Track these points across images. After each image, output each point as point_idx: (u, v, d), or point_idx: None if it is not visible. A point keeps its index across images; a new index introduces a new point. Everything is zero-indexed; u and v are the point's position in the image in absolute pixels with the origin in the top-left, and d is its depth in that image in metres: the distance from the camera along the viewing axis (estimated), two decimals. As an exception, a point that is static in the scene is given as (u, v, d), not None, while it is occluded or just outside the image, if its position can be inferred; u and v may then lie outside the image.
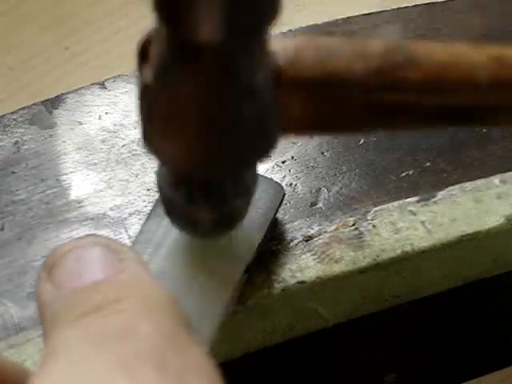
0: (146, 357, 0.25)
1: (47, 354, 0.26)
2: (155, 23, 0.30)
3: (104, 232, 0.44)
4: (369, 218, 0.44)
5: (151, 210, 0.41)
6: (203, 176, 0.35)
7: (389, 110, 0.34)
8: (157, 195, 0.41)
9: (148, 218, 0.40)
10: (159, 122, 0.33)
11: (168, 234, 0.39)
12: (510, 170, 0.46)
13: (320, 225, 0.44)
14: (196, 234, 0.39)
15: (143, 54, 0.32)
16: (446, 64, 0.34)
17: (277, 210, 0.42)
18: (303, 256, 0.43)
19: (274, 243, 0.43)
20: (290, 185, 0.46)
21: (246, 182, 0.37)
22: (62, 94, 0.50)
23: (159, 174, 0.37)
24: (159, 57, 0.31)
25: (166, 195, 0.37)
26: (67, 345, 0.26)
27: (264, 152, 0.34)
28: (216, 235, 0.39)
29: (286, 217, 0.44)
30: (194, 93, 0.31)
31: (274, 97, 0.33)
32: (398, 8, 0.55)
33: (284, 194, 0.42)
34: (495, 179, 0.46)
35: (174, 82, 0.31)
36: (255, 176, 0.38)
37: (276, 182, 0.42)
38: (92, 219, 0.44)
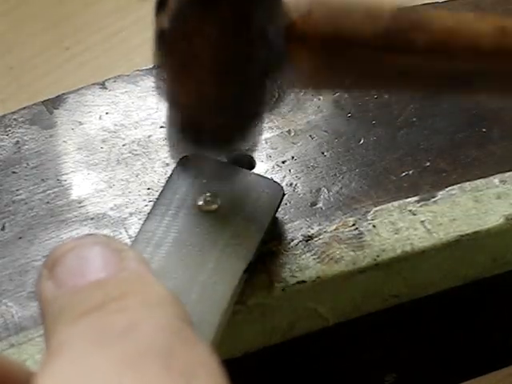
0: (152, 353, 0.25)
1: (50, 352, 0.26)
2: None
3: (104, 232, 0.44)
4: (369, 217, 0.44)
5: (151, 210, 0.41)
6: (214, 119, 0.36)
7: (394, 72, 0.35)
8: (157, 195, 0.41)
9: (148, 218, 0.40)
10: (175, 66, 0.34)
11: (168, 233, 0.39)
12: (509, 170, 0.46)
13: (320, 225, 0.44)
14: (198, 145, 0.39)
15: (161, 2, 0.33)
16: (453, 29, 0.35)
17: (276, 210, 0.42)
18: (303, 256, 0.43)
19: (273, 243, 0.43)
20: (290, 185, 0.46)
21: (253, 131, 0.38)
22: (63, 93, 0.50)
23: (168, 121, 0.38)
24: (176, 3, 0.32)
25: (173, 141, 0.38)
26: (70, 342, 0.26)
27: (272, 101, 0.35)
28: (225, 147, 0.39)
29: (286, 217, 0.44)
30: (209, 39, 0.32)
31: (285, 48, 0.34)
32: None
33: (283, 194, 0.42)
34: (495, 179, 0.46)
35: (191, 28, 0.32)
36: (261, 125, 0.38)
37: (275, 182, 0.42)
38: (92, 219, 0.44)
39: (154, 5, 0.34)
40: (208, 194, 0.41)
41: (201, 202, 0.40)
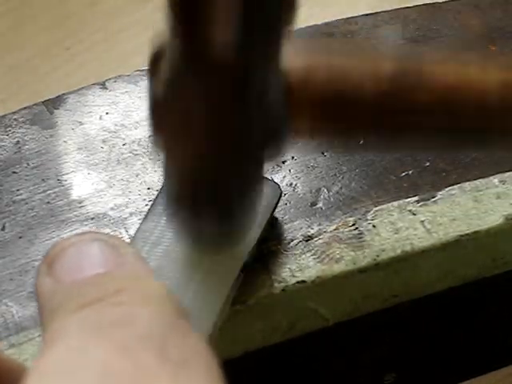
0: (146, 342, 0.25)
1: (45, 342, 0.26)
2: (168, 35, 0.30)
3: (105, 232, 0.44)
4: (369, 217, 0.44)
5: (149, 209, 0.41)
6: (210, 186, 0.35)
7: (398, 131, 0.35)
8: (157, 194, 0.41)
9: (146, 217, 0.40)
10: (169, 131, 0.33)
11: (165, 232, 0.40)
12: (509, 170, 0.46)
13: (320, 225, 0.44)
14: (199, 244, 0.39)
15: (154, 64, 0.33)
16: (455, 87, 0.34)
17: (274, 209, 0.42)
18: (303, 256, 0.43)
19: (273, 243, 0.43)
20: (290, 185, 0.46)
21: (251, 195, 0.37)
22: (63, 94, 0.50)
23: (165, 185, 0.37)
24: (171, 69, 0.31)
25: (171, 206, 0.37)
26: (66, 332, 0.26)
27: (270, 161, 0.35)
28: (218, 248, 0.39)
29: (286, 217, 0.44)
30: (205, 106, 0.31)
31: (284, 113, 0.33)
32: (397, 8, 0.55)
33: (281, 193, 0.42)
34: (494, 179, 0.46)
35: (186, 95, 0.31)
36: (260, 189, 0.38)
37: (273, 181, 0.42)
38: (93, 219, 0.44)
39: (148, 65, 0.33)
40: None
41: None
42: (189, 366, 0.25)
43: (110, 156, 0.47)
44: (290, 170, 0.47)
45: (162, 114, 0.33)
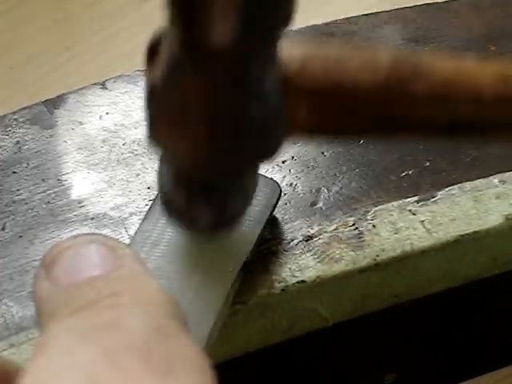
0: (132, 347, 0.25)
1: (37, 348, 0.26)
2: (167, 23, 0.30)
3: (104, 232, 0.44)
4: (369, 217, 0.44)
5: (148, 210, 0.41)
6: (206, 176, 0.35)
7: (394, 122, 0.35)
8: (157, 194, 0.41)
9: (145, 218, 0.40)
10: (165, 121, 0.33)
11: (164, 233, 0.40)
12: (509, 170, 0.46)
13: (320, 225, 0.44)
14: (194, 233, 0.39)
15: (152, 53, 0.32)
16: (453, 80, 0.34)
17: (273, 208, 0.42)
18: (303, 256, 0.43)
19: (274, 243, 0.43)
20: (290, 185, 0.46)
21: (247, 185, 0.37)
22: (63, 94, 0.50)
23: (160, 173, 0.37)
24: (169, 57, 0.31)
25: (165, 194, 0.37)
26: (56, 339, 0.26)
27: (268, 154, 0.35)
28: (214, 235, 0.39)
29: (286, 217, 0.44)
30: (203, 94, 0.31)
31: (281, 102, 0.33)
32: (397, 8, 0.55)
33: (280, 192, 0.42)
34: (495, 179, 0.46)
35: (184, 83, 0.31)
36: (256, 179, 0.38)
37: (272, 180, 0.42)
38: (93, 219, 0.44)
39: (145, 54, 0.33)
40: None
41: None
42: (176, 372, 0.25)
43: (109, 156, 0.47)
44: (290, 170, 0.47)
45: (159, 102, 0.33)
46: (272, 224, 0.43)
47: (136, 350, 0.25)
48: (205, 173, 0.35)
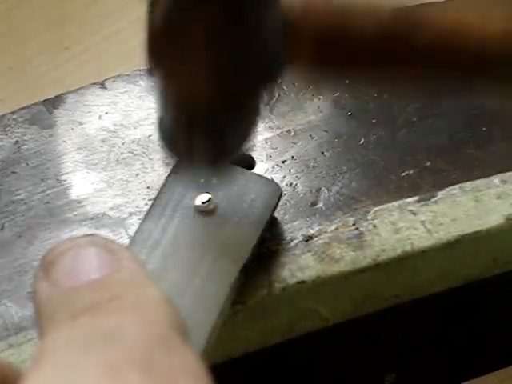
0: (133, 359, 0.25)
1: (36, 355, 0.26)
2: None
3: (104, 232, 0.44)
4: (369, 217, 0.44)
5: (148, 210, 0.41)
6: (206, 109, 0.35)
7: (395, 72, 0.35)
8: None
9: (145, 218, 0.40)
10: (168, 61, 0.33)
11: (164, 234, 0.39)
12: (510, 170, 0.46)
13: (320, 225, 0.44)
14: (192, 166, 0.39)
15: None
16: (455, 29, 0.35)
17: (274, 209, 0.42)
18: (303, 256, 0.43)
19: (273, 243, 0.43)
20: (290, 185, 0.46)
21: (246, 120, 0.37)
22: (62, 93, 0.50)
23: (160, 111, 0.37)
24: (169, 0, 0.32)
25: (165, 130, 0.37)
26: (56, 347, 0.26)
27: (269, 79, 0.35)
28: (211, 169, 0.39)
29: (286, 217, 0.44)
30: (205, 31, 0.32)
31: (284, 44, 0.33)
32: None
33: (281, 193, 0.42)
34: (495, 179, 0.46)
35: (186, 21, 0.32)
36: (256, 114, 0.37)
37: (272, 181, 0.42)
38: (92, 219, 0.44)
39: (147, 1, 0.33)
40: (205, 194, 0.41)
41: (198, 202, 0.40)
42: (176, 382, 0.25)
43: (109, 156, 0.47)
44: (290, 170, 0.46)
45: (160, 41, 0.33)
46: (272, 224, 0.43)
47: (137, 362, 0.25)
48: (205, 105, 0.35)
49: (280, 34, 0.33)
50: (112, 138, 0.48)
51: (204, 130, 0.36)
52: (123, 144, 0.48)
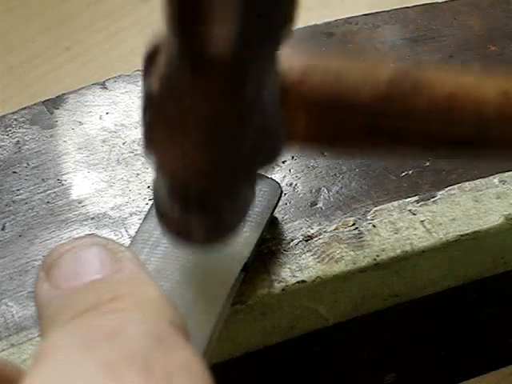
0: (132, 359, 0.25)
1: (37, 355, 0.26)
2: (166, 33, 0.30)
3: (104, 232, 0.44)
4: (369, 217, 0.44)
5: (149, 210, 0.41)
6: (202, 186, 0.35)
7: (393, 137, 0.35)
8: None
9: (145, 218, 0.40)
10: (162, 130, 0.33)
11: (164, 234, 0.39)
12: (509, 170, 0.46)
13: (320, 225, 0.44)
14: (189, 245, 0.39)
15: (150, 62, 0.32)
16: (454, 95, 0.34)
17: (274, 209, 0.42)
18: (303, 256, 0.43)
19: (273, 243, 0.43)
20: (290, 185, 0.46)
21: (243, 197, 0.37)
22: (63, 94, 0.50)
23: (155, 185, 0.37)
24: (167, 66, 0.31)
25: (160, 206, 0.37)
26: (56, 346, 0.26)
27: (265, 164, 0.35)
28: (208, 247, 0.39)
29: (286, 217, 0.44)
30: (200, 103, 0.31)
31: (280, 113, 0.33)
32: (397, 8, 0.55)
33: (281, 192, 0.42)
34: (494, 179, 0.46)
35: (182, 92, 0.31)
36: (253, 191, 0.37)
37: (273, 180, 0.42)
38: (93, 219, 0.44)
39: (143, 62, 0.33)
40: None
41: None
42: (176, 381, 0.25)
43: (109, 156, 0.47)
44: (290, 170, 0.47)
45: (156, 112, 0.33)
46: (272, 224, 0.43)
47: (136, 362, 0.25)
48: (201, 183, 0.34)
49: (277, 99, 0.33)
50: (113, 138, 0.48)
51: (199, 207, 0.35)
52: (124, 144, 0.48)
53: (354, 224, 0.44)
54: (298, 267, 0.42)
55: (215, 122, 0.32)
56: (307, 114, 0.34)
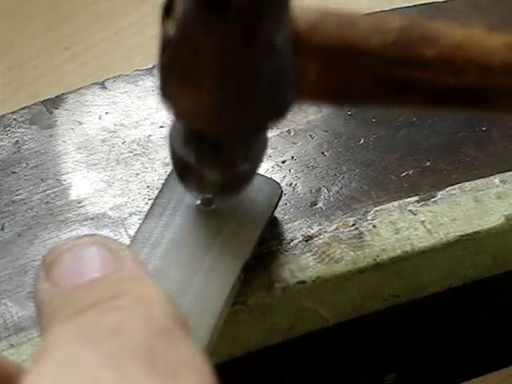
0: (135, 352, 0.25)
1: (39, 351, 0.26)
2: None
3: (104, 232, 0.44)
4: (369, 217, 0.44)
5: (149, 209, 0.41)
6: (215, 133, 0.35)
7: (401, 86, 0.35)
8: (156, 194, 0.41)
9: (146, 218, 0.40)
10: (178, 75, 0.33)
11: (165, 233, 0.40)
12: (509, 170, 0.46)
13: (320, 225, 0.44)
14: (203, 194, 0.39)
15: (168, 7, 0.33)
16: (461, 44, 0.35)
17: (274, 209, 0.42)
18: (303, 256, 0.43)
19: (274, 243, 0.43)
20: (290, 185, 0.46)
21: (255, 146, 0.37)
22: (63, 93, 0.50)
23: (172, 132, 0.37)
24: (184, 11, 0.32)
25: (176, 153, 0.37)
26: (58, 342, 0.26)
27: (278, 115, 0.35)
28: (223, 198, 0.39)
29: (286, 217, 0.44)
30: (216, 48, 0.32)
31: (292, 60, 0.34)
32: (397, 8, 0.55)
33: (281, 192, 0.42)
34: (495, 179, 0.46)
35: (197, 37, 0.32)
36: (265, 141, 0.38)
37: (273, 180, 0.42)
38: (92, 219, 0.44)
39: (160, 10, 0.33)
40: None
41: (198, 202, 0.40)
42: (178, 376, 0.25)
43: (109, 156, 0.47)
44: (290, 170, 0.47)
45: (172, 55, 0.33)
46: (272, 224, 0.43)
47: (139, 355, 0.25)
48: (215, 130, 0.35)
49: (290, 50, 0.33)
50: (112, 137, 0.48)
51: (212, 154, 0.36)
52: (123, 144, 0.48)
53: (354, 224, 0.44)
54: (298, 267, 0.42)
55: (229, 68, 0.32)
56: (319, 60, 0.34)
